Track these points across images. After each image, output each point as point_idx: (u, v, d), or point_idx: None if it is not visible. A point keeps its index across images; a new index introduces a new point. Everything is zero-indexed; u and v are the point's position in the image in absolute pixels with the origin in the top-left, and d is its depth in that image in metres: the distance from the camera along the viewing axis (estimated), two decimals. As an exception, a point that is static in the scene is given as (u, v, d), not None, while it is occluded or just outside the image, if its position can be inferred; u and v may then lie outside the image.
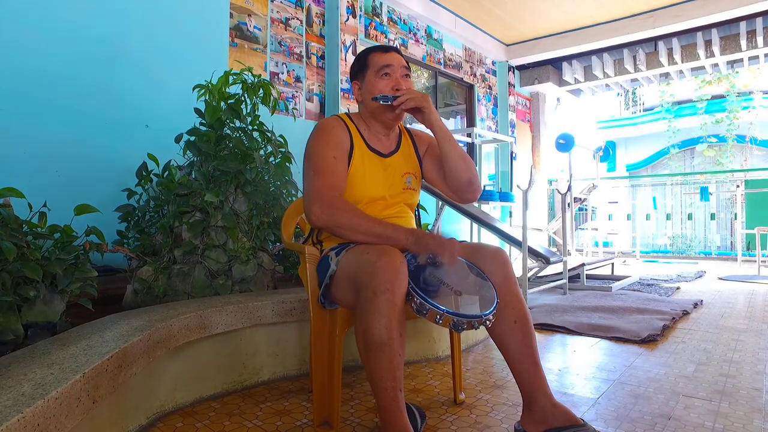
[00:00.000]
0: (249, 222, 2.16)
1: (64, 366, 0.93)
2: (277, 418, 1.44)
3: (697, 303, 3.37)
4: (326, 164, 1.38)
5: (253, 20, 3.60)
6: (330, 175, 1.37)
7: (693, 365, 1.98)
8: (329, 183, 1.35)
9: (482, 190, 1.59)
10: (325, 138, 1.43)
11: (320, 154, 1.40)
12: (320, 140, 1.43)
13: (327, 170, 1.37)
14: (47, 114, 2.52)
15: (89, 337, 1.16)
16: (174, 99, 2.95)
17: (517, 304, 1.30)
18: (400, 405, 1.12)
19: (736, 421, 1.43)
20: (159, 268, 1.98)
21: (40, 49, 2.50)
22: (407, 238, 1.27)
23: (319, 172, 1.37)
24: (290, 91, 3.87)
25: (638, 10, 5.54)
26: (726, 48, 6.13)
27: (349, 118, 1.54)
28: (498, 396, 1.64)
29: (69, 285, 1.55)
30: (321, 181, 1.35)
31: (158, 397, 1.43)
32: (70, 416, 0.84)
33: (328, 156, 1.39)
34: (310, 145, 1.45)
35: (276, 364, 1.77)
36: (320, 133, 1.45)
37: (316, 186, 1.35)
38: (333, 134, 1.44)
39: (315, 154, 1.41)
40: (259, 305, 1.66)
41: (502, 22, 5.81)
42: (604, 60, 6.79)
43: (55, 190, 2.33)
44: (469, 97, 6.32)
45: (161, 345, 1.29)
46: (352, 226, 1.29)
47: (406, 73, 1.50)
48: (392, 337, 1.11)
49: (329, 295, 1.34)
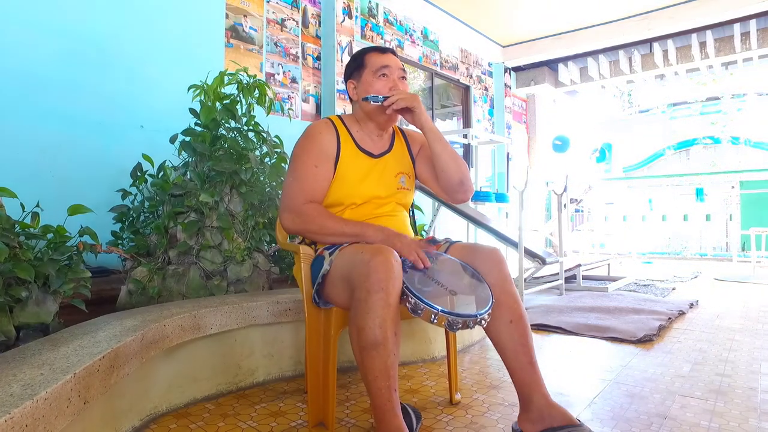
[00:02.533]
0: (244, 223, 2.15)
1: (55, 366, 0.92)
2: (271, 419, 1.43)
3: (693, 303, 3.38)
4: (306, 172, 1.42)
5: (248, 21, 3.60)
6: (307, 182, 1.41)
7: (689, 365, 1.98)
8: (304, 190, 1.40)
9: (474, 190, 1.59)
10: (309, 145, 1.45)
11: (302, 160, 1.43)
12: (305, 146, 1.46)
13: (305, 177, 1.41)
14: (41, 115, 2.51)
15: (81, 338, 1.15)
16: (169, 100, 2.93)
17: (513, 304, 1.29)
18: (394, 405, 1.11)
19: (731, 420, 1.43)
20: (153, 268, 1.96)
21: (32, 50, 2.49)
22: (375, 236, 1.32)
23: (298, 178, 1.42)
24: (286, 92, 3.86)
25: (633, 12, 5.56)
26: (720, 49, 6.16)
27: (341, 119, 1.54)
28: (494, 396, 1.63)
29: (62, 286, 1.53)
30: (297, 187, 1.41)
31: (152, 398, 1.42)
32: (60, 417, 0.83)
33: (310, 164, 1.42)
34: (295, 150, 1.47)
35: (271, 365, 1.76)
36: (305, 138, 1.48)
37: (290, 192, 1.41)
38: (318, 141, 1.46)
39: (298, 159, 1.45)
40: (254, 305, 1.65)
41: (497, 23, 5.83)
42: (599, 61, 6.81)
43: (49, 192, 2.31)
44: (466, 98, 6.33)
45: (155, 345, 1.28)
46: (322, 230, 1.37)
47: (402, 75, 1.52)
48: (386, 337, 1.10)
49: (323, 294, 1.34)
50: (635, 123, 11.92)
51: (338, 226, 1.36)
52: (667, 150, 10.77)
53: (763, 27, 5.85)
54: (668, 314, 2.87)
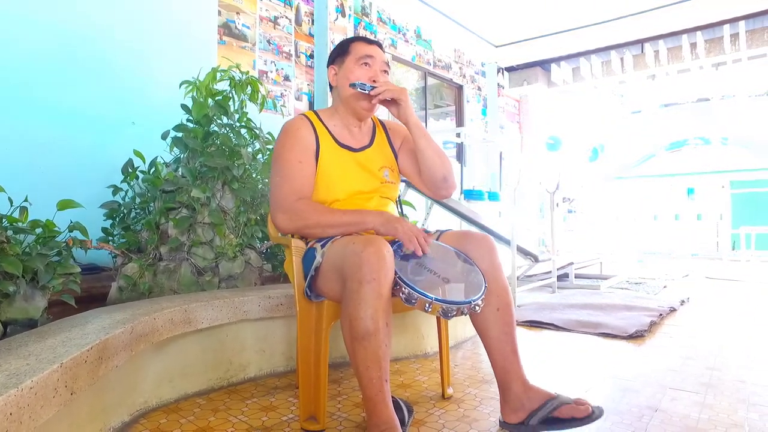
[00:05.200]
0: (236, 219, 2.14)
1: (41, 357, 0.91)
2: (263, 413, 1.43)
3: (684, 300, 3.40)
4: (291, 169, 1.39)
5: (241, 18, 3.59)
6: (295, 180, 1.39)
7: (680, 359, 1.99)
8: (294, 188, 1.38)
9: (456, 186, 1.59)
10: (290, 141, 1.43)
11: (285, 158, 1.41)
12: (285, 144, 1.43)
13: (291, 175, 1.39)
14: (30, 111, 2.48)
15: (69, 330, 1.14)
16: (160, 96, 2.92)
17: (502, 292, 1.30)
18: (386, 396, 1.11)
19: (721, 411, 1.44)
20: (145, 265, 1.95)
21: (21, 45, 2.46)
22: (374, 220, 1.31)
23: (284, 177, 1.39)
24: (279, 90, 3.85)
25: (625, 12, 5.60)
26: (711, 50, 6.22)
27: (316, 114, 1.53)
28: (486, 390, 1.63)
29: (51, 281, 1.51)
30: (286, 186, 1.38)
31: (141, 393, 1.41)
32: (46, 407, 0.82)
33: (294, 160, 1.40)
34: (276, 149, 1.45)
35: (263, 361, 1.75)
36: (285, 136, 1.45)
37: (280, 192, 1.38)
38: (297, 136, 1.44)
39: (281, 158, 1.42)
40: (245, 300, 1.64)
41: (490, 23, 5.85)
42: (591, 62, 6.85)
43: (38, 188, 2.27)
44: (459, 97, 6.34)
45: (144, 339, 1.27)
46: (320, 223, 1.33)
47: (385, 69, 1.50)
48: (378, 327, 1.10)
49: (315, 287, 1.33)
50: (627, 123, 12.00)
51: (336, 216, 1.34)
52: (659, 150, 10.85)
53: (751, 29, 5.92)
54: (659, 311, 2.89)
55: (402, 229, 1.27)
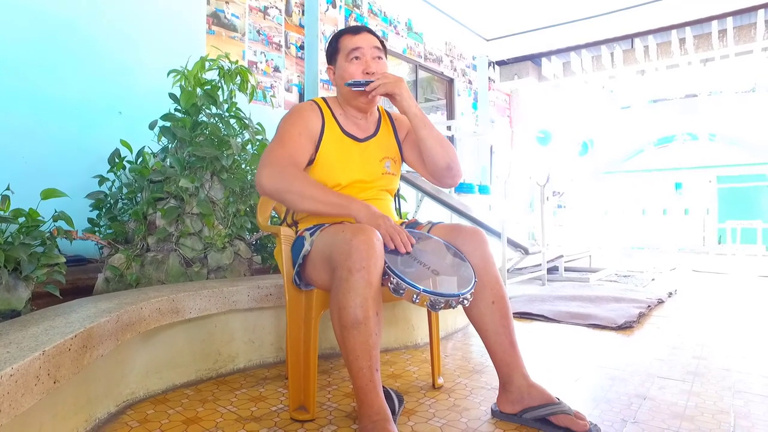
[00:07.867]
0: (225, 209, 2.11)
1: (23, 345, 0.89)
2: (252, 404, 1.41)
3: (672, 293, 3.44)
4: (290, 137, 1.38)
5: (230, 7, 3.54)
6: (291, 146, 1.36)
7: (667, 349, 2.02)
8: (288, 152, 1.34)
9: (462, 174, 1.57)
10: (294, 118, 1.43)
11: (286, 129, 1.40)
12: (290, 119, 1.43)
13: (289, 141, 1.37)
14: (11, 98, 2.42)
15: (53, 319, 1.11)
16: (148, 86, 2.87)
17: (495, 285, 1.29)
18: (376, 385, 1.10)
19: (707, 399, 1.46)
20: (132, 255, 1.92)
21: (3, 30, 2.40)
22: (359, 211, 1.26)
23: (281, 142, 1.37)
24: (269, 81, 3.81)
25: (615, 7, 5.62)
26: (699, 46, 6.27)
27: (326, 102, 1.52)
28: (477, 380, 1.64)
29: (35, 271, 1.48)
30: (280, 149, 1.35)
31: (128, 384, 1.39)
32: (27, 395, 0.80)
33: (295, 132, 1.39)
34: (280, 124, 1.44)
35: (252, 351, 1.73)
36: (291, 114, 1.45)
37: (274, 152, 1.34)
38: (303, 116, 1.43)
39: (282, 128, 1.41)
40: (234, 290, 1.62)
41: (482, 17, 5.83)
42: (582, 56, 6.87)
43: (21, 178, 2.23)
44: (449, 91, 6.33)
45: (131, 328, 1.25)
46: (303, 193, 1.27)
47: (378, 55, 1.45)
48: (368, 316, 1.09)
49: (304, 275, 1.32)
50: (617, 119, 12.08)
51: (321, 191, 1.28)
52: (647, 146, 10.94)
53: (739, 25, 5.97)
54: (648, 302, 2.92)
55: (384, 226, 1.23)
